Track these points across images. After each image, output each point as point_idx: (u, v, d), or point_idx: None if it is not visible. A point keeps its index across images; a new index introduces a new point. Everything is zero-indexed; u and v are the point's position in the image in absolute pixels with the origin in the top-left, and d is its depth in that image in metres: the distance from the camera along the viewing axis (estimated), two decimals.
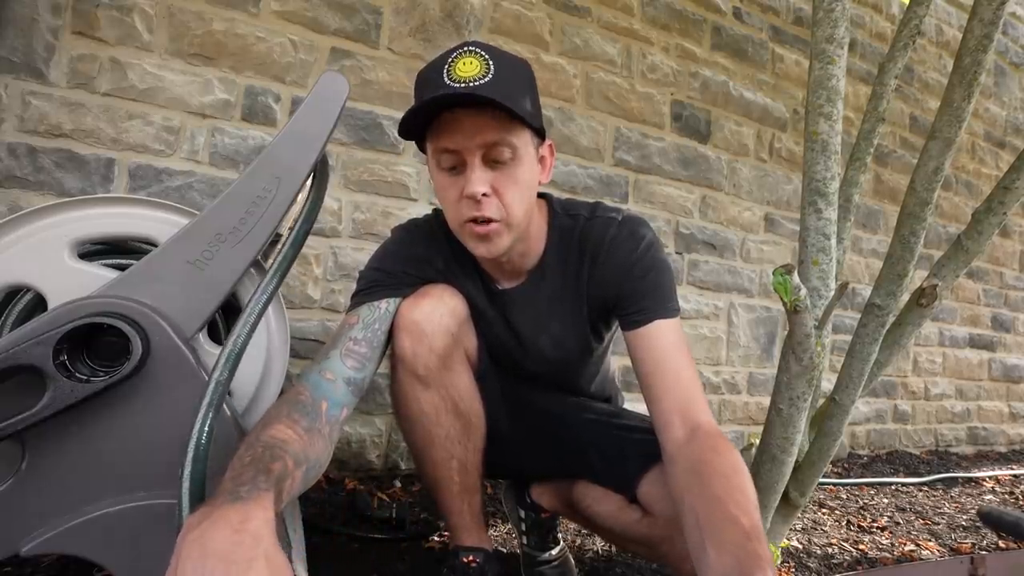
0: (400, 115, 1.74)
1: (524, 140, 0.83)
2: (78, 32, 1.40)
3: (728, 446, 0.75)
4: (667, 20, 2.27)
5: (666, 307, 0.87)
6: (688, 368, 0.84)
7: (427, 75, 0.83)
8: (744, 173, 2.46)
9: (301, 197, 0.83)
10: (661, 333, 0.86)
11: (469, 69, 0.78)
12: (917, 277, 1.32)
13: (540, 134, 0.87)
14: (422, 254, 0.96)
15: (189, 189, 1.51)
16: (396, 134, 1.76)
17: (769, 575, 0.56)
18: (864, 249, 2.85)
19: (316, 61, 1.66)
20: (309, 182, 0.84)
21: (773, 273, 0.85)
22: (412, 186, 1.79)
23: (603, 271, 0.91)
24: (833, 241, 1.02)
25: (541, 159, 0.89)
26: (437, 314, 0.89)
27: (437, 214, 1.00)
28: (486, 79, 0.77)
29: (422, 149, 0.89)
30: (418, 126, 0.83)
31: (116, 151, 1.44)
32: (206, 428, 0.62)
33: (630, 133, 2.19)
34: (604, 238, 0.91)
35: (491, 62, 0.79)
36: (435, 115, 0.80)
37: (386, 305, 0.90)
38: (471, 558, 0.96)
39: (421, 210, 1.80)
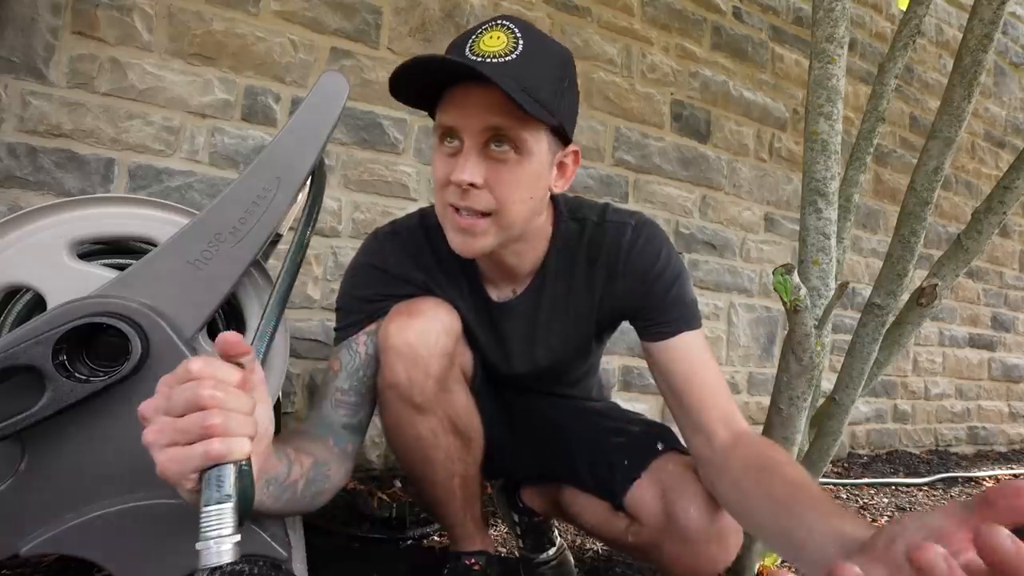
0: (399, 114, 1.77)
1: (537, 137, 0.73)
2: (78, 32, 1.40)
3: (776, 445, 0.76)
4: (667, 20, 2.27)
5: (691, 319, 0.84)
6: (719, 378, 0.82)
7: (453, 43, 0.75)
8: (744, 173, 2.46)
9: (300, 199, 0.82)
10: (689, 345, 0.83)
11: (494, 44, 0.70)
12: (917, 277, 1.32)
13: (562, 135, 0.77)
14: (397, 272, 0.88)
15: (189, 189, 1.51)
16: (396, 134, 1.76)
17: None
18: (864, 249, 2.85)
19: (316, 61, 1.66)
20: (307, 185, 0.83)
21: (773, 273, 0.85)
22: (412, 186, 1.79)
23: (622, 282, 0.85)
24: (833, 241, 1.02)
25: (560, 164, 0.79)
26: (432, 335, 0.81)
27: (423, 217, 0.91)
28: (508, 58, 0.69)
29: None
30: (424, 97, 0.75)
31: (116, 151, 1.44)
32: None
33: (630, 133, 2.19)
34: (620, 247, 0.84)
35: (521, 40, 0.70)
36: (445, 88, 0.72)
37: (364, 348, 0.85)
38: (473, 560, 0.96)
39: None
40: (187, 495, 0.50)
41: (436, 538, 1.29)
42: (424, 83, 0.72)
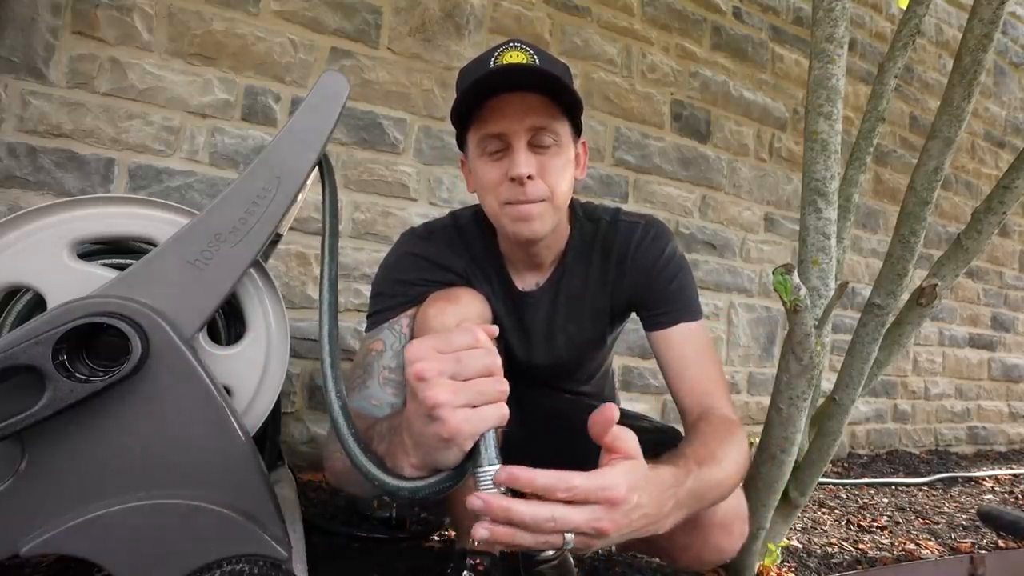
0: (399, 115, 1.77)
1: (566, 131, 0.84)
2: (78, 32, 1.40)
3: (727, 424, 0.77)
4: (667, 20, 2.27)
5: (690, 311, 0.91)
6: (709, 367, 0.87)
7: (471, 68, 0.84)
8: (744, 173, 2.46)
9: (300, 199, 0.82)
10: (684, 335, 0.89)
11: (517, 59, 0.80)
12: (917, 277, 1.32)
13: (577, 131, 0.88)
14: (439, 260, 0.93)
15: (189, 189, 1.51)
16: (396, 134, 1.76)
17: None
18: (864, 249, 2.85)
19: (316, 61, 1.66)
20: (318, 181, 0.84)
21: (773, 273, 0.85)
22: (412, 186, 1.79)
23: (630, 275, 0.93)
24: (833, 241, 1.02)
25: (576, 156, 0.90)
26: (468, 321, 0.85)
27: (455, 218, 0.99)
28: (534, 63, 0.80)
29: (461, 146, 0.89)
30: (464, 114, 0.83)
31: (116, 151, 1.44)
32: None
33: (630, 133, 2.19)
34: (630, 242, 0.93)
35: (536, 57, 0.81)
36: (480, 103, 0.81)
37: (408, 331, 0.88)
38: (478, 561, 0.96)
39: (421, 210, 1.80)
40: (451, 456, 0.53)
41: (436, 538, 1.29)
42: (470, 101, 0.81)
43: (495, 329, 0.57)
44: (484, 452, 0.53)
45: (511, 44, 0.83)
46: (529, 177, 0.80)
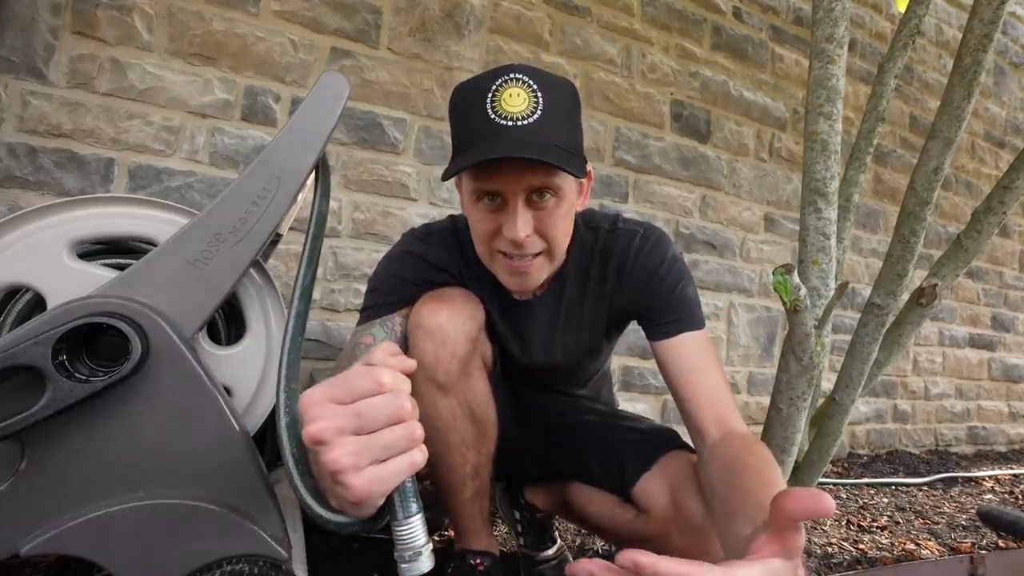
0: (399, 114, 1.77)
1: (567, 179, 0.79)
2: (78, 32, 1.40)
3: (761, 446, 0.76)
4: (667, 20, 2.27)
5: (694, 320, 0.89)
6: (717, 377, 0.85)
7: (468, 101, 0.77)
8: (744, 173, 2.46)
9: (300, 199, 0.82)
10: (690, 345, 0.87)
11: (516, 103, 0.73)
12: (917, 277, 1.31)
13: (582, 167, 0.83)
14: (435, 261, 0.93)
15: (189, 189, 1.51)
16: (396, 134, 1.76)
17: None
18: (864, 249, 2.85)
19: (316, 61, 1.66)
20: (311, 183, 0.83)
21: (773, 273, 0.85)
22: (412, 186, 1.79)
23: (630, 283, 0.91)
24: (833, 241, 1.02)
25: (580, 185, 0.87)
26: (460, 319, 0.86)
27: (454, 221, 0.98)
28: (535, 116, 0.73)
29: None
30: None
31: (116, 151, 1.44)
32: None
33: (630, 133, 2.19)
34: (629, 251, 0.91)
35: (539, 93, 0.74)
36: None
37: (400, 329, 0.88)
38: (478, 561, 0.96)
39: (421, 210, 1.80)
40: (364, 512, 0.48)
41: (436, 538, 1.29)
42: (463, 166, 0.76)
43: (412, 364, 0.51)
44: (399, 506, 0.47)
45: (511, 77, 0.75)
46: (527, 236, 0.77)
